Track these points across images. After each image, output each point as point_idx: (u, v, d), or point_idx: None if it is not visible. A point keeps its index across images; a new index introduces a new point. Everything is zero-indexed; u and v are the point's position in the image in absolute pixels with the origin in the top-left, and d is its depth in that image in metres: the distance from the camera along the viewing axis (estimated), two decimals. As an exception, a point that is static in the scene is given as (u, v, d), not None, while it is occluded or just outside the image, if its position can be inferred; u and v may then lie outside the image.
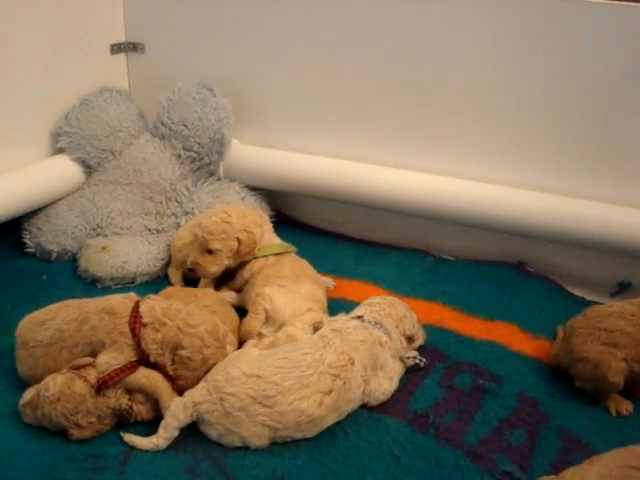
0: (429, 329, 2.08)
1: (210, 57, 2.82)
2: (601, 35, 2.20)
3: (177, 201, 2.58)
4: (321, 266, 2.37)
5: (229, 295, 2.21)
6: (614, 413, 1.79)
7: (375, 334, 1.82)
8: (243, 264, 2.22)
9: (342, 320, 1.88)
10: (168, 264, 2.40)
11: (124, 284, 2.33)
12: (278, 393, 1.65)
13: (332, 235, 2.80)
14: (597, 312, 1.88)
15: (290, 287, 2.06)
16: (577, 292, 2.41)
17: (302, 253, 2.34)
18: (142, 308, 1.76)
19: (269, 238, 2.25)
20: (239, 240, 2.15)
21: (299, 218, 2.91)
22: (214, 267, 2.16)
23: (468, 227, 2.50)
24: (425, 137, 2.57)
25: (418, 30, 2.45)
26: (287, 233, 2.50)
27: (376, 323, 1.85)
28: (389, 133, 2.61)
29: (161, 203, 2.60)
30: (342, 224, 2.82)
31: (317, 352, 1.73)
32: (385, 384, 1.81)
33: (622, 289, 2.41)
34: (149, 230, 2.56)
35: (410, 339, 1.93)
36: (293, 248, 2.27)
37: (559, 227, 2.37)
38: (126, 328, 1.73)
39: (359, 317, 1.88)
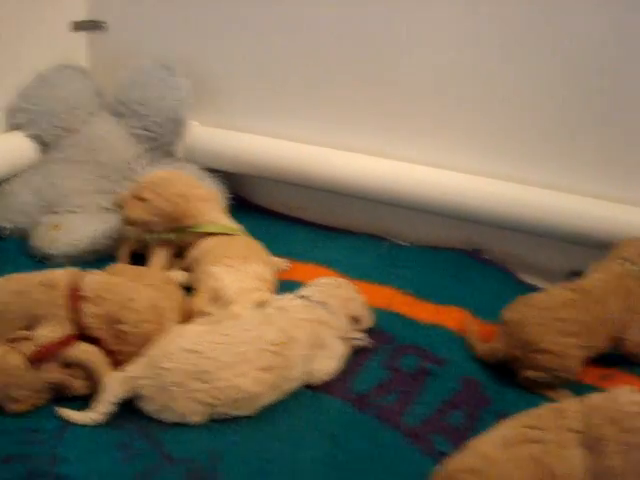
0: (378, 312, 2.07)
1: (173, 37, 2.80)
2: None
3: (133, 180, 2.54)
4: (276, 249, 2.36)
5: (180, 274, 2.18)
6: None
7: (319, 313, 1.80)
8: (193, 243, 2.17)
9: (287, 299, 1.87)
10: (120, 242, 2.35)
11: (76, 262, 2.28)
12: (216, 369, 1.63)
13: (289, 219, 2.78)
14: (545, 302, 1.87)
15: (238, 267, 2.04)
16: (530, 280, 2.41)
17: (258, 236, 2.32)
18: (83, 282, 1.73)
19: (217, 217, 2.22)
20: (173, 203, 2.12)
21: (258, 201, 2.89)
22: (134, 213, 2.19)
23: (425, 213, 2.50)
24: (384, 122, 2.56)
25: (380, 11, 2.41)
26: (245, 216, 2.49)
27: (321, 303, 1.83)
28: (348, 117, 2.60)
29: (117, 182, 2.56)
30: (300, 208, 2.81)
31: (258, 329, 1.71)
32: (328, 363, 1.80)
33: (573, 277, 2.40)
34: (104, 209, 2.51)
35: (356, 320, 1.91)
36: (238, 231, 2.24)
37: (514, 214, 2.37)
38: (65, 301, 1.69)
39: (304, 296, 1.85)
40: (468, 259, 2.44)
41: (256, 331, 1.71)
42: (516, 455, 1.30)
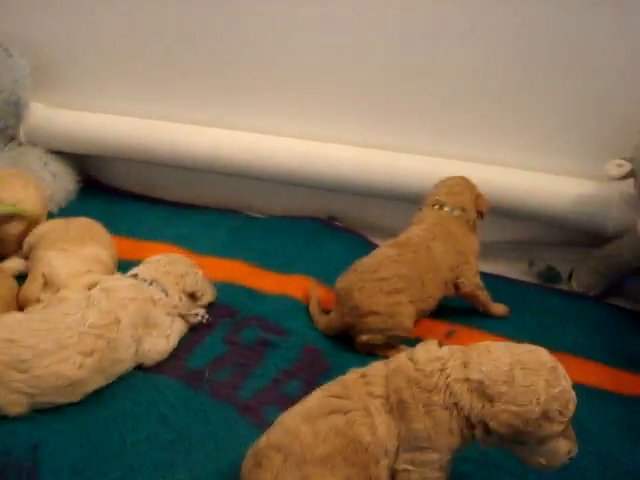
0: (223, 286, 2.03)
1: (9, 17, 2.63)
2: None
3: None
4: (125, 230, 2.30)
5: (17, 262, 2.07)
6: None
7: (147, 291, 1.74)
8: (28, 229, 2.08)
9: (113, 279, 1.80)
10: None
11: None
12: (33, 357, 1.55)
13: (143, 198, 2.69)
14: (366, 265, 1.84)
15: (73, 250, 1.96)
16: None
17: (107, 217, 2.25)
18: None
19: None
20: None
21: (109, 182, 2.78)
22: None
23: (278, 184, 2.47)
24: (231, 94, 2.51)
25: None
26: (95, 197, 2.48)
27: (150, 281, 1.76)
28: (194, 90, 2.54)
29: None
30: (154, 187, 2.74)
31: (79, 312, 1.64)
32: (160, 343, 1.74)
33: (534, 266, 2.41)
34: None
35: (193, 296, 1.85)
36: (20, 210, 2.14)
37: (367, 180, 2.34)
38: None
39: (134, 275, 1.78)
40: (322, 227, 2.42)
41: (77, 315, 1.63)
42: (320, 428, 1.24)
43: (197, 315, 1.87)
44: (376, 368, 1.33)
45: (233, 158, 2.44)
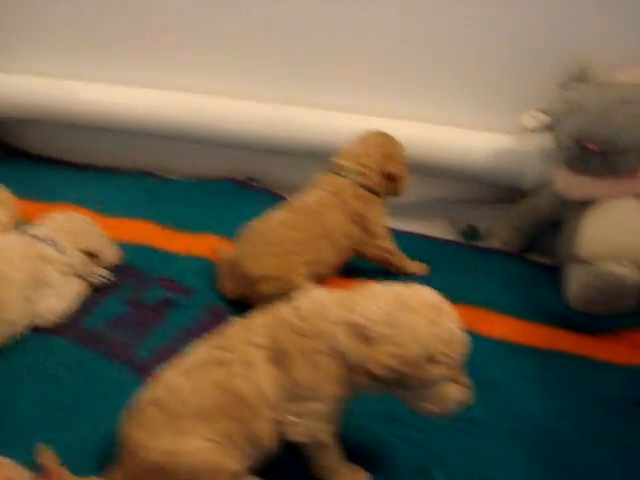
0: (132, 248, 1.96)
1: None
2: None
3: None
4: (30, 192, 2.22)
5: None
6: None
7: (38, 249, 1.65)
8: None
9: (4, 237, 1.69)
10: None
11: None
12: None
13: (54, 162, 2.60)
14: (257, 230, 1.79)
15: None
16: None
17: (18, 181, 2.17)
18: None
19: None
20: None
21: (22, 146, 2.68)
22: None
23: (194, 144, 2.39)
24: (146, 51, 2.43)
25: None
26: (5, 162, 2.36)
27: (44, 238, 1.67)
28: (108, 48, 2.46)
29: None
30: (64, 150, 2.64)
31: (-37, 272, 1.53)
32: (55, 303, 1.66)
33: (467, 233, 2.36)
34: None
35: (93, 256, 1.76)
36: None
37: (281, 138, 2.27)
38: None
39: (28, 233, 1.69)
40: (239, 188, 2.35)
41: (-40, 275, 1.52)
42: (198, 381, 1.19)
43: (100, 276, 1.76)
44: (259, 317, 1.25)
45: (147, 116, 2.36)
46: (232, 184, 2.37)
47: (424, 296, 1.18)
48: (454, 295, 1.74)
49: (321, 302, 1.23)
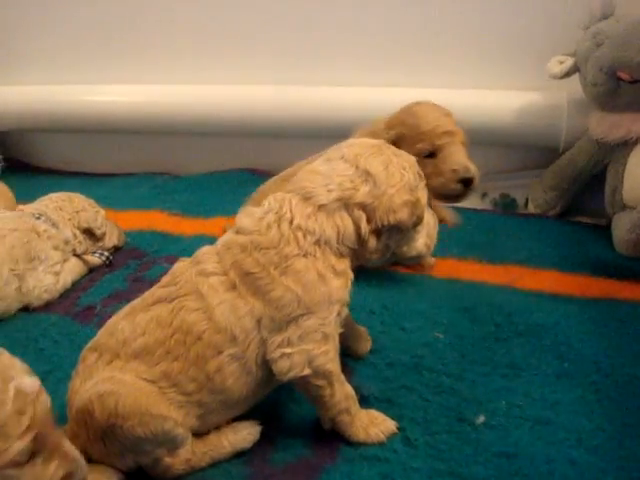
0: (137, 233, 1.87)
1: None
2: None
3: None
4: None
5: None
6: None
7: (30, 223, 1.53)
8: None
9: (-4, 212, 1.58)
10: None
11: None
12: None
13: (64, 174, 2.50)
14: None
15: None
16: None
17: (24, 191, 2.02)
18: None
19: None
20: None
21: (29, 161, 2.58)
22: None
23: (200, 137, 2.27)
24: (141, 49, 2.39)
25: None
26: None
27: (38, 215, 1.57)
28: (105, 50, 2.36)
29: None
30: (74, 162, 2.55)
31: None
32: (47, 279, 1.54)
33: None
34: None
35: (93, 236, 1.63)
36: None
37: (291, 118, 2.16)
38: None
39: (23, 210, 1.59)
40: (249, 176, 2.20)
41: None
42: (140, 320, 1.03)
43: (97, 253, 1.62)
44: (206, 248, 1.09)
45: (151, 113, 2.27)
46: (242, 173, 2.23)
47: (367, 143, 1.10)
48: (494, 256, 1.59)
49: (265, 210, 1.07)
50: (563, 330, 1.37)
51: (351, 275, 1.05)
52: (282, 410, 1.18)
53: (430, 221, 1.15)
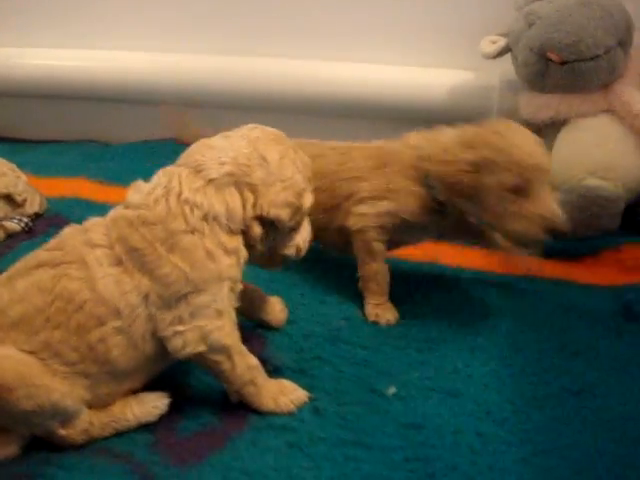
0: (59, 200, 1.82)
1: None
2: None
3: None
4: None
5: None
6: None
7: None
8: None
9: None
10: None
11: None
12: None
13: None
14: None
15: None
16: None
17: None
18: None
19: None
20: None
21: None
22: None
23: (129, 104, 2.22)
24: (77, 11, 2.24)
25: None
26: None
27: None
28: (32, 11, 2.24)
29: None
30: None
31: None
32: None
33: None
34: None
35: (11, 199, 1.59)
36: None
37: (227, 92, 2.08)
38: None
39: None
40: (177, 145, 2.14)
41: None
42: (20, 287, 1.00)
43: (15, 219, 1.57)
44: (96, 218, 1.08)
45: (78, 79, 2.19)
46: (171, 142, 2.17)
47: (270, 132, 1.10)
48: None
49: (154, 185, 1.06)
50: (480, 305, 1.37)
51: (244, 253, 1.02)
52: (192, 379, 1.16)
53: (307, 227, 1.14)
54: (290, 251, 1.13)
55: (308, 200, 1.10)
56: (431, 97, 1.99)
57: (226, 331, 1.02)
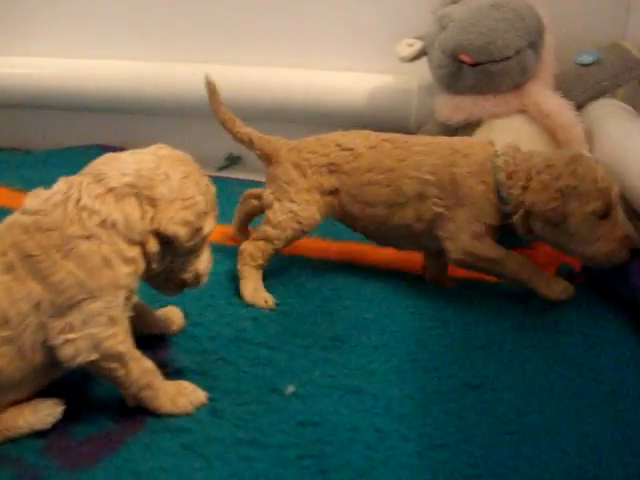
0: None
1: None
2: None
3: None
4: None
5: None
6: None
7: None
8: None
9: None
10: None
11: None
12: None
13: None
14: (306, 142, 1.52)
15: None
16: None
17: None
18: None
19: None
20: None
21: None
22: None
23: (58, 111, 2.19)
24: None
25: None
26: None
27: None
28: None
29: None
30: None
31: None
32: None
33: (232, 162, 2.17)
34: None
35: None
36: None
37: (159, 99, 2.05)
38: None
39: None
40: (99, 151, 2.11)
41: None
42: None
43: None
44: None
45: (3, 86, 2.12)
46: (93, 149, 2.15)
47: (178, 153, 1.10)
48: (337, 234, 1.58)
49: (54, 191, 1.05)
50: (389, 304, 1.37)
51: (142, 264, 1.02)
52: (92, 384, 1.13)
53: (208, 255, 1.14)
54: (189, 276, 1.12)
55: (209, 225, 1.09)
56: (351, 101, 2.01)
57: (119, 339, 1.01)
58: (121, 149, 2.07)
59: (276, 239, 1.39)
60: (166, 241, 1.03)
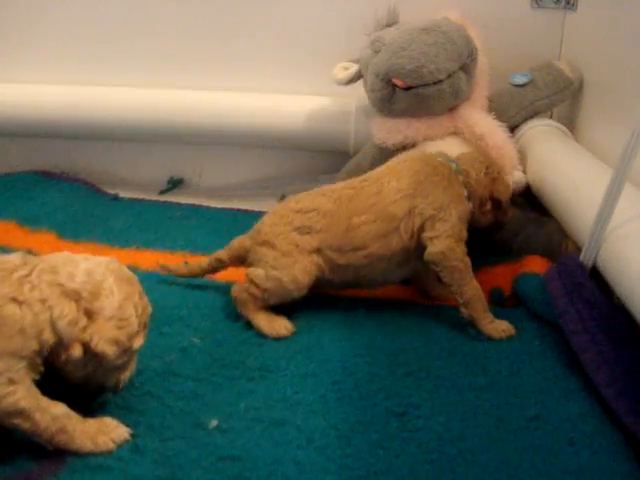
0: None
1: None
2: None
3: None
4: None
5: None
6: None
7: None
8: None
9: None
10: None
11: None
12: None
13: None
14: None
15: None
16: (126, 194, 2.09)
17: None
18: None
19: None
20: None
21: None
22: None
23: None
24: None
25: None
26: None
27: None
28: None
29: None
30: None
31: None
32: None
33: (173, 185, 2.17)
34: None
35: None
36: None
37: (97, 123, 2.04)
38: None
39: None
40: (38, 178, 2.11)
41: None
42: None
43: None
44: None
45: None
46: (31, 175, 2.14)
47: (125, 269, 1.12)
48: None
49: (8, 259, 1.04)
50: (317, 333, 1.38)
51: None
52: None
53: (132, 366, 1.15)
54: (109, 383, 1.12)
55: (138, 342, 1.10)
56: (289, 123, 2.00)
57: (18, 396, 1.00)
58: (60, 175, 2.10)
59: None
60: (93, 354, 1.03)
